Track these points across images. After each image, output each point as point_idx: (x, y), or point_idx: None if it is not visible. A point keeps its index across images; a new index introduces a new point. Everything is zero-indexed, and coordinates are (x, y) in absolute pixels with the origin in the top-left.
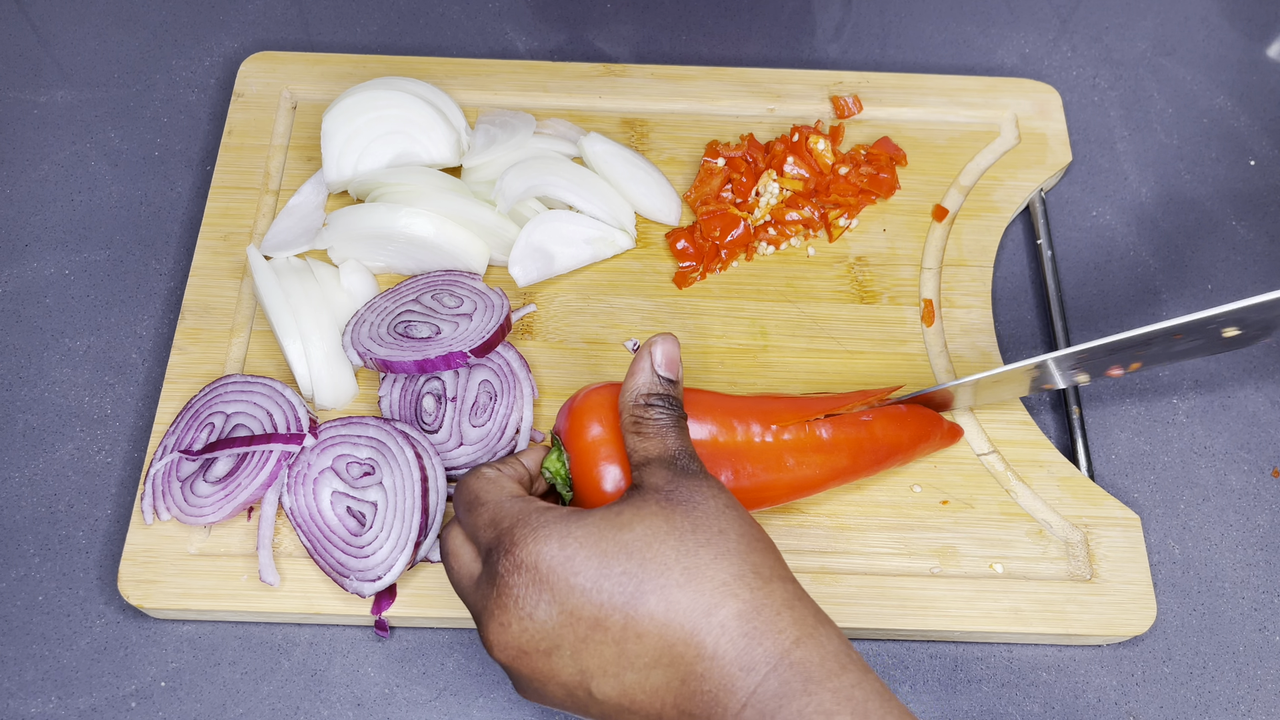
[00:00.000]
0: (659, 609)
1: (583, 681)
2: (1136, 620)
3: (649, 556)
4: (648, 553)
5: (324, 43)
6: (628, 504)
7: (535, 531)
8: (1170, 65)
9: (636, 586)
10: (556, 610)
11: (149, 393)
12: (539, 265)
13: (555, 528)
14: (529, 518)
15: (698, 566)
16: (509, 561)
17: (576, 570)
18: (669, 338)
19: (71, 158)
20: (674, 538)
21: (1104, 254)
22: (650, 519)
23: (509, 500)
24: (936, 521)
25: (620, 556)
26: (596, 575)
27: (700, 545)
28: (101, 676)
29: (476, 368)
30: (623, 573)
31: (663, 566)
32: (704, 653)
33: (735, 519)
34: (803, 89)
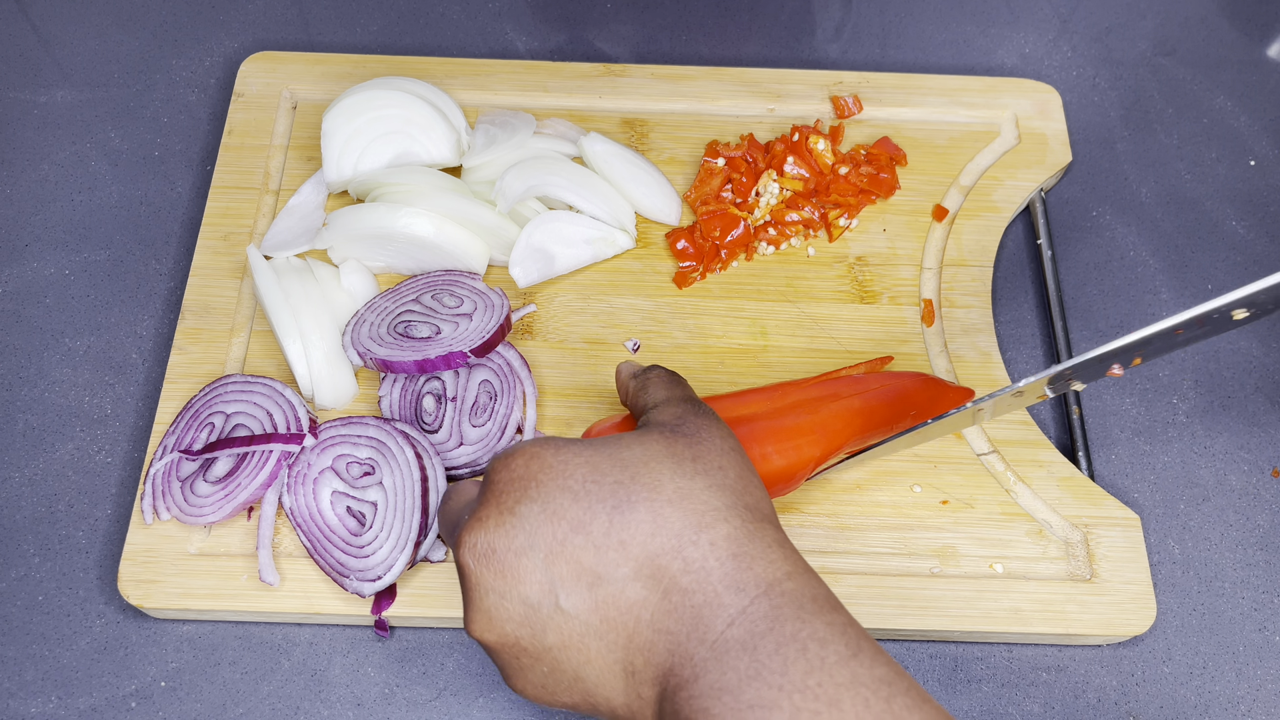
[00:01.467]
0: (646, 520)
1: (550, 591)
2: (1136, 620)
3: (642, 472)
4: (642, 469)
5: (324, 43)
6: (633, 432)
7: (535, 445)
8: (1170, 65)
9: (626, 495)
10: (539, 508)
11: (149, 393)
12: (539, 266)
13: (554, 442)
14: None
15: (691, 490)
16: (501, 463)
17: (570, 473)
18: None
19: (71, 158)
20: (672, 461)
21: (1104, 254)
22: (651, 444)
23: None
24: (936, 521)
25: (614, 468)
26: (586, 480)
27: (697, 473)
28: (101, 676)
29: (476, 367)
30: (614, 482)
31: (655, 482)
32: (690, 566)
33: (736, 460)
34: (803, 89)
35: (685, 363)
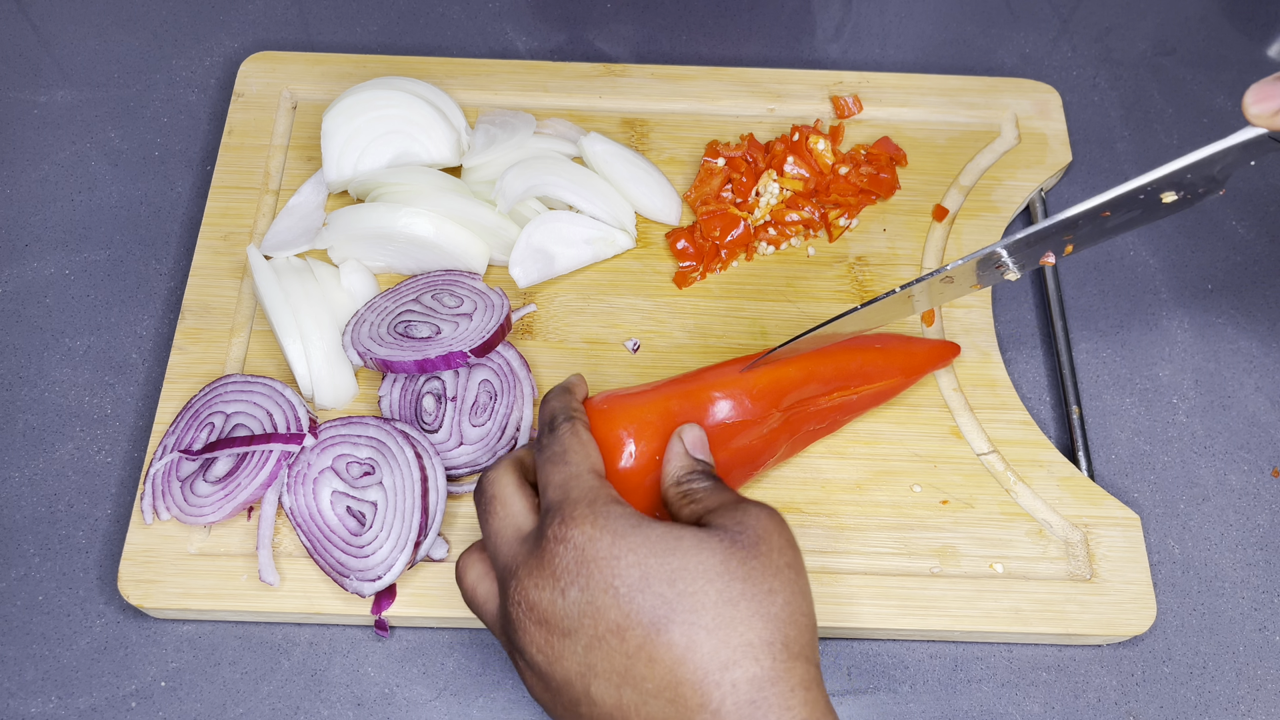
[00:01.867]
0: (679, 642)
1: (585, 675)
2: (1136, 620)
3: (689, 590)
4: (689, 585)
5: (324, 43)
6: (692, 533)
7: (597, 518)
8: (1170, 65)
9: (667, 613)
10: (585, 600)
11: (149, 393)
12: (539, 266)
13: (615, 523)
14: (598, 501)
15: (732, 618)
16: (561, 531)
17: (618, 573)
18: (695, 425)
19: (71, 158)
20: (721, 580)
21: (1104, 254)
22: (706, 555)
23: (589, 474)
24: (936, 521)
25: (663, 580)
26: (633, 586)
27: (743, 597)
28: (101, 676)
29: (476, 367)
30: (658, 595)
31: (698, 604)
32: (708, 704)
33: (788, 582)
34: (803, 89)
35: (685, 363)
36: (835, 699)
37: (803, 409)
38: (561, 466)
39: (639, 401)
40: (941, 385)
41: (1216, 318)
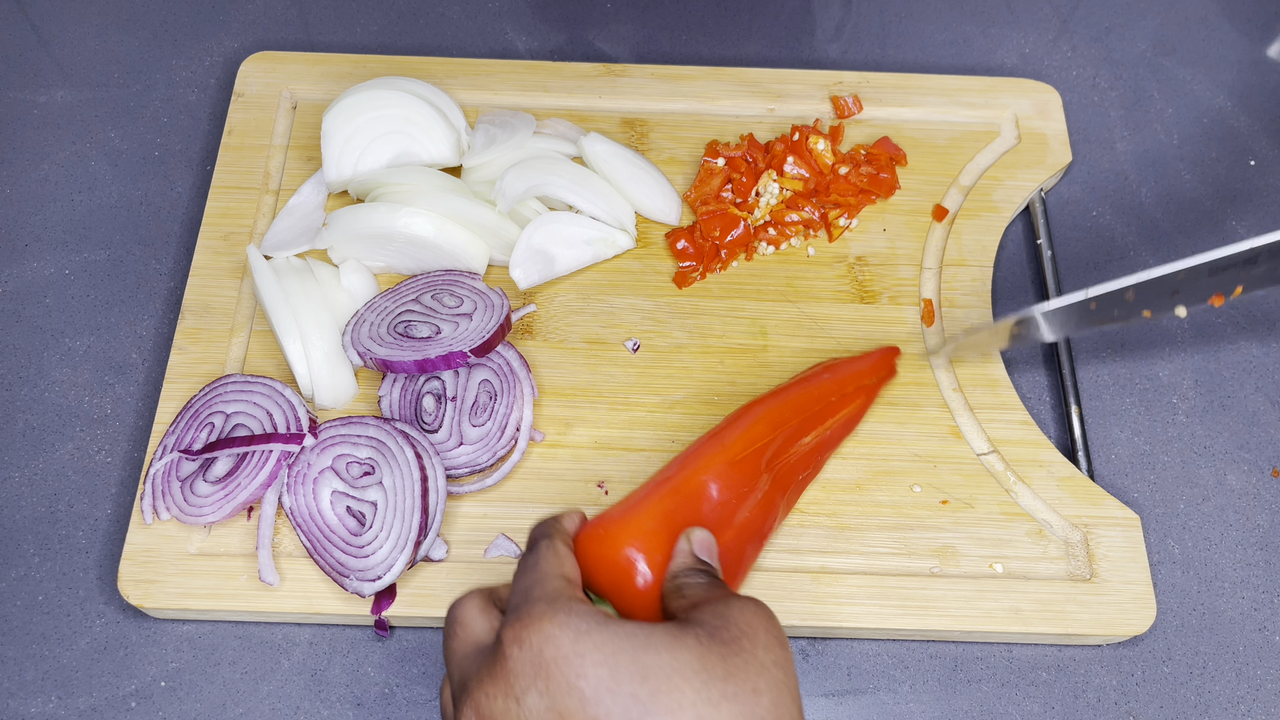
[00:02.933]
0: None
1: None
2: (1136, 620)
3: (664, 689)
4: (665, 684)
5: (324, 43)
6: (664, 627)
7: (555, 614)
8: (1170, 65)
9: (640, 714)
10: (545, 706)
11: (149, 393)
12: (540, 267)
13: (577, 621)
14: (559, 599)
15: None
16: (513, 632)
17: (583, 673)
18: (703, 529)
19: (71, 158)
20: (699, 679)
21: (1104, 254)
22: (683, 651)
23: (556, 578)
24: (936, 521)
25: (634, 678)
26: (601, 686)
27: (724, 697)
28: (101, 676)
29: (476, 367)
30: (630, 695)
31: (675, 704)
32: None
33: (775, 682)
34: (803, 89)
35: (685, 363)
36: (835, 699)
37: (785, 461)
38: (528, 574)
39: (635, 513)
40: (941, 385)
41: (1216, 318)
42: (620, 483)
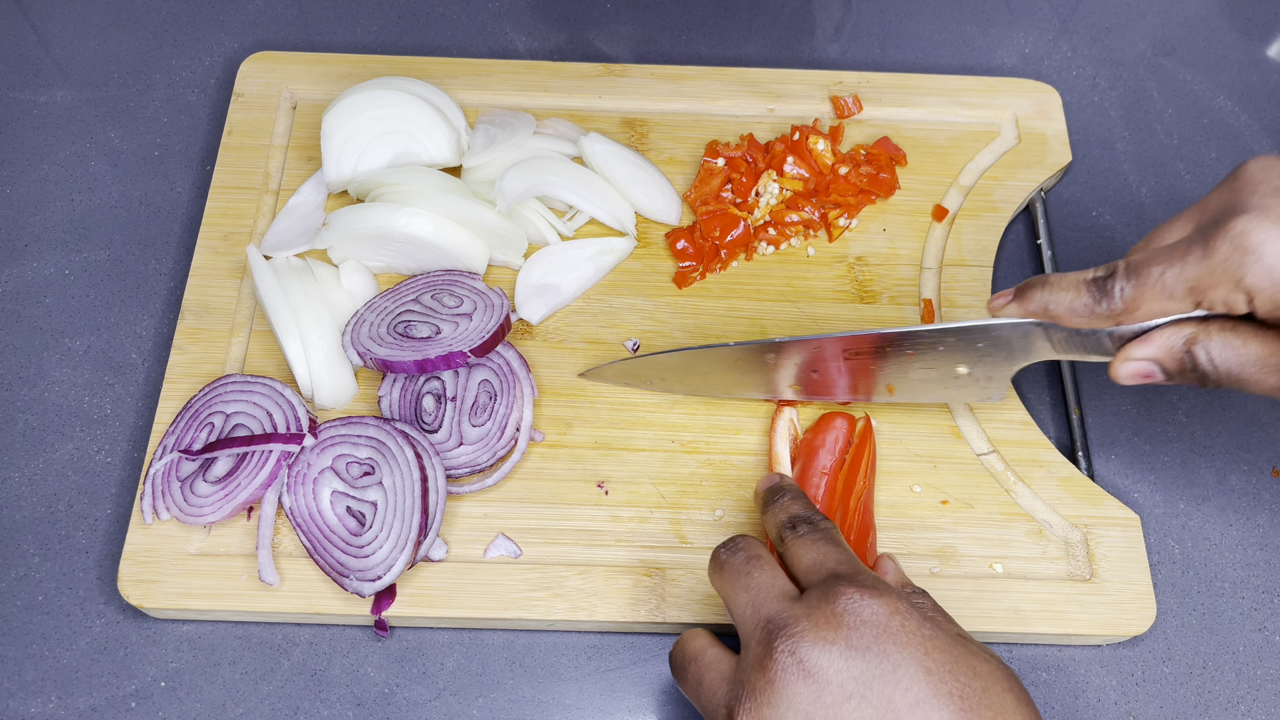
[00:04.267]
0: None
1: None
2: (1136, 620)
3: (991, 691)
4: (991, 687)
5: (324, 43)
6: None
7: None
8: (1170, 65)
9: (973, 707)
10: (885, 671)
11: (149, 393)
12: (547, 300)
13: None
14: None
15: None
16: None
17: (929, 653)
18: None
19: (71, 158)
20: (1013, 695)
21: (1104, 254)
22: (993, 665)
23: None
24: (936, 521)
25: (968, 674)
26: (943, 668)
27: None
28: (101, 676)
29: (476, 367)
30: (965, 685)
31: (1000, 708)
32: None
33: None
34: (803, 89)
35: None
36: None
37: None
38: (837, 547)
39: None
40: None
41: None
42: (620, 482)
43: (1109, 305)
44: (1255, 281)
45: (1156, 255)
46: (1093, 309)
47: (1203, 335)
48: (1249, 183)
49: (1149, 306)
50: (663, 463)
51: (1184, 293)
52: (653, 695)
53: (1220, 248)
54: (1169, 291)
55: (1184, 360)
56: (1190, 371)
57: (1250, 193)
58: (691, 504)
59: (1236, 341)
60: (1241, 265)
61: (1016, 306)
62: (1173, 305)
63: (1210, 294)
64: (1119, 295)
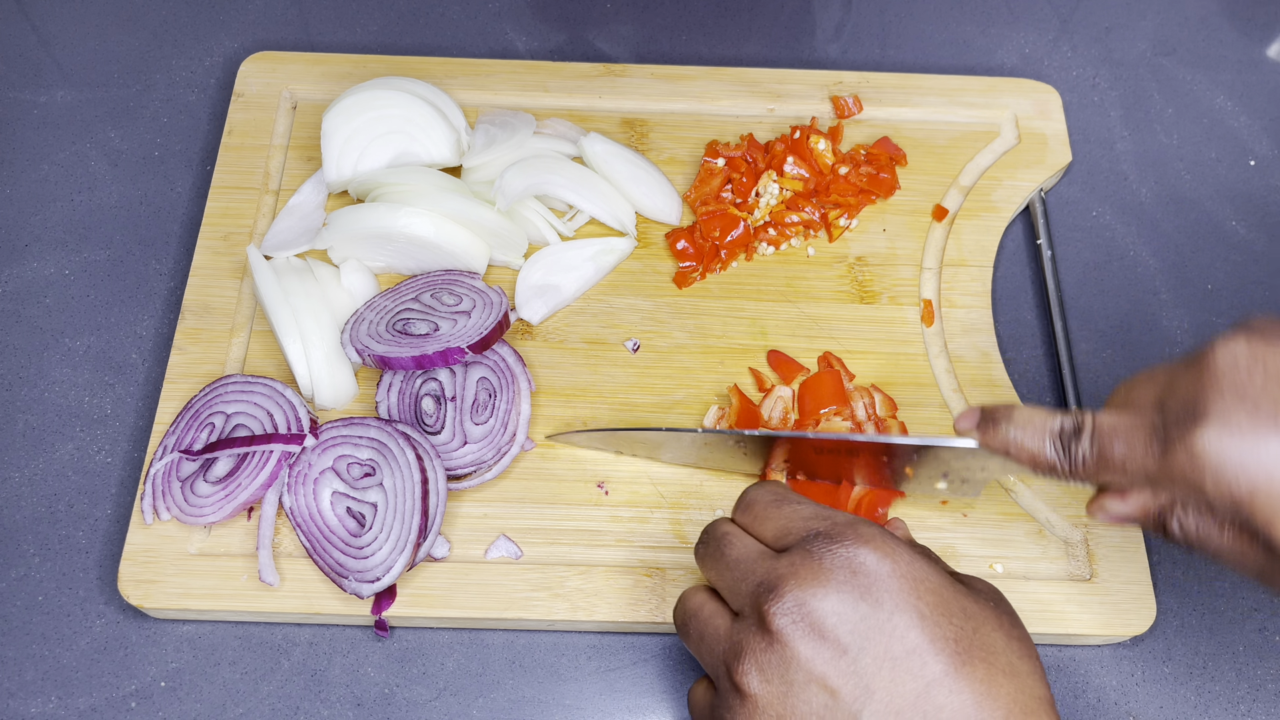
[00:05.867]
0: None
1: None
2: (1136, 620)
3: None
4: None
5: (324, 43)
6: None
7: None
8: (1170, 65)
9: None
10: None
11: (149, 393)
12: (547, 300)
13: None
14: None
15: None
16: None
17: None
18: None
19: (71, 158)
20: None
21: (1104, 254)
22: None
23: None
24: (936, 521)
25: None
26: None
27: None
28: (101, 676)
29: (473, 366)
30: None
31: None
32: None
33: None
34: (803, 89)
35: (685, 363)
36: None
37: None
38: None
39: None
40: (941, 385)
41: (1216, 318)
42: (620, 482)
43: (1070, 465)
44: (1215, 496)
45: (1119, 434)
46: (1055, 464)
47: (1179, 509)
48: (1215, 378)
49: (1111, 479)
50: (663, 463)
51: (1143, 482)
52: (653, 695)
53: (1179, 458)
54: (1129, 477)
55: (1158, 525)
56: (1164, 535)
57: (1215, 393)
58: (691, 504)
59: (1212, 525)
60: (1201, 479)
61: (980, 436)
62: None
63: (1170, 492)
64: (1082, 461)
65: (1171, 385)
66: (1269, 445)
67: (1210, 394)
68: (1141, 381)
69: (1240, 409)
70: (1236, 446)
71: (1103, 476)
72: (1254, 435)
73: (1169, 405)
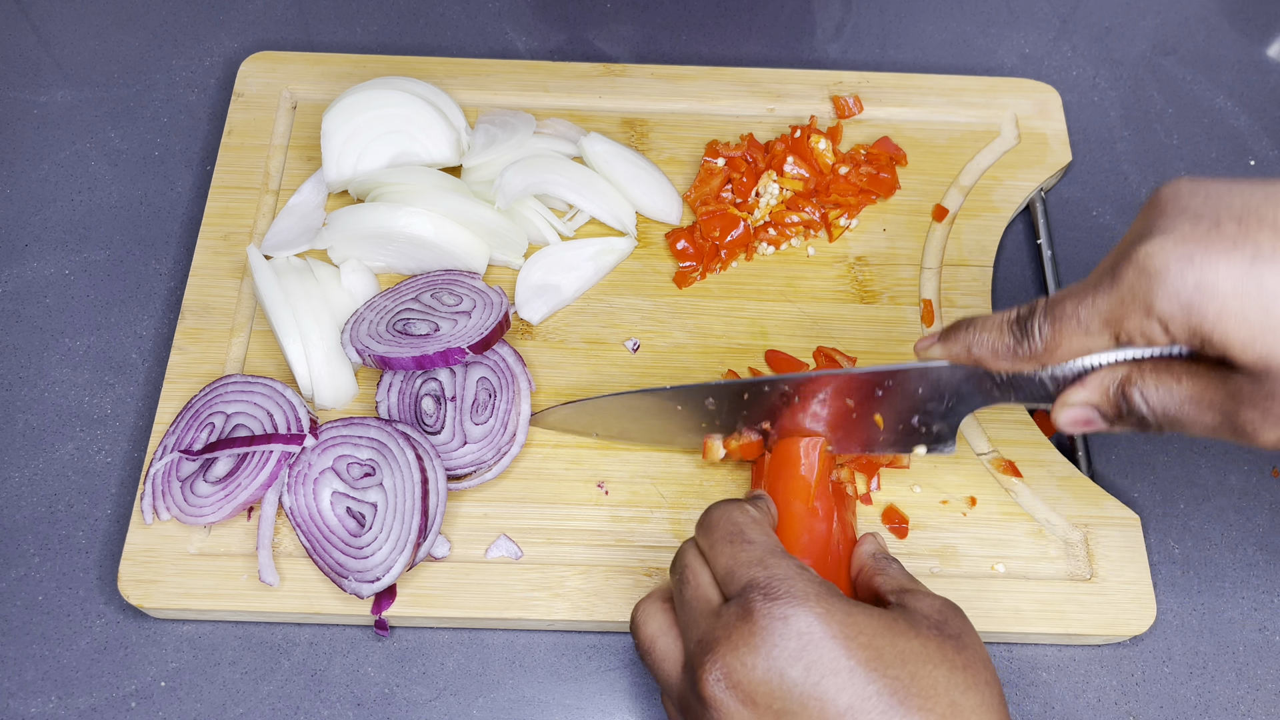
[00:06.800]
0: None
1: None
2: (1136, 620)
3: (920, 674)
4: (920, 670)
5: (324, 43)
6: (901, 616)
7: (810, 596)
8: (1170, 65)
9: (904, 697)
10: (811, 682)
11: (149, 393)
12: (547, 300)
13: (835, 604)
14: (803, 578)
15: (962, 708)
16: (773, 609)
17: (851, 653)
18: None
19: (71, 158)
20: (945, 668)
21: (1104, 254)
22: (925, 640)
23: (780, 552)
24: (936, 521)
25: (895, 662)
26: (868, 667)
27: (968, 688)
28: (101, 676)
29: (473, 366)
30: (893, 678)
31: (931, 690)
32: None
33: (992, 678)
34: (803, 89)
35: (685, 363)
36: None
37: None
38: (744, 546)
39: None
40: None
41: None
42: (620, 482)
43: (1029, 345)
44: (1165, 307)
45: (1072, 291)
46: (1014, 350)
47: (1136, 376)
48: (1158, 207)
49: (1069, 344)
50: (663, 463)
51: (1100, 327)
52: (653, 695)
53: (1127, 275)
54: (1085, 327)
55: (1120, 404)
56: (1128, 415)
57: (1158, 215)
58: (691, 504)
59: (1170, 380)
60: (1150, 292)
61: (941, 348)
62: (1092, 342)
63: (1125, 325)
64: (1039, 334)
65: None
66: (1211, 249)
67: (1154, 216)
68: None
69: (1183, 220)
70: (1182, 253)
71: (1063, 347)
72: (1196, 241)
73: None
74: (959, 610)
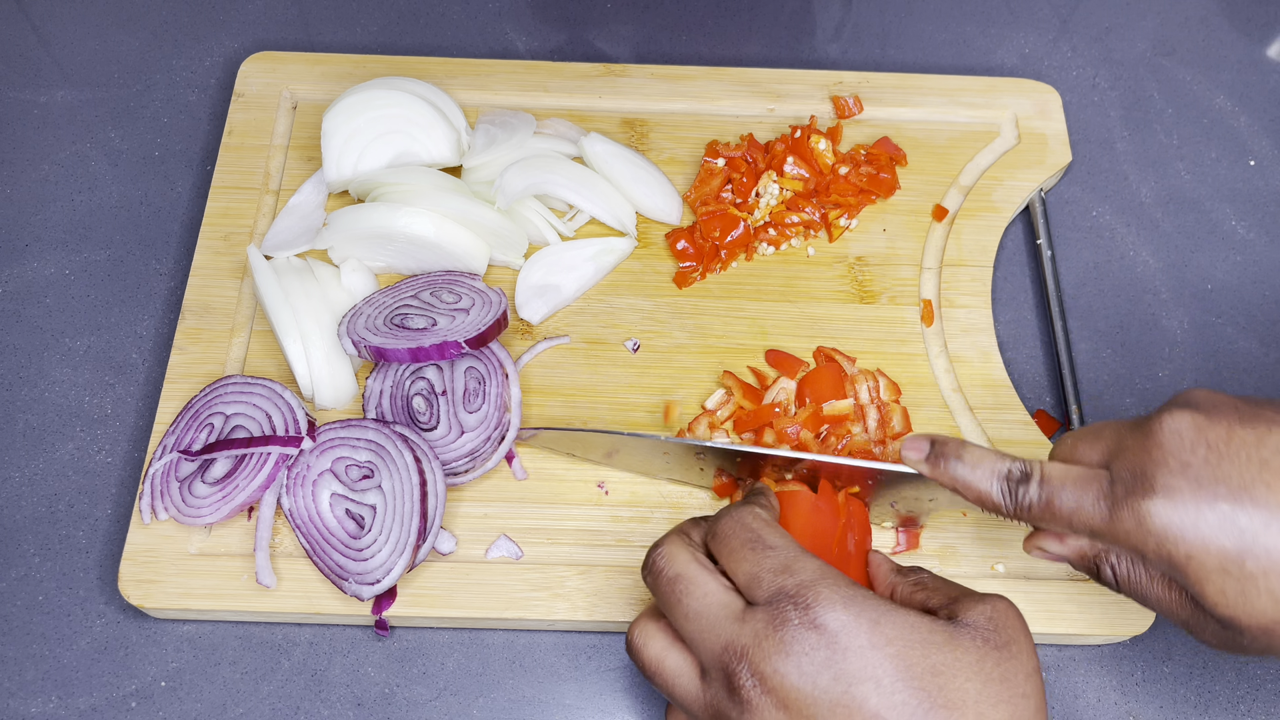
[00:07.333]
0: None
1: None
2: (1136, 620)
3: (949, 687)
4: (950, 683)
5: (324, 43)
6: (943, 624)
7: (849, 602)
8: (1170, 65)
9: (930, 708)
10: (840, 690)
11: (149, 393)
12: (547, 300)
13: (869, 609)
14: (829, 583)
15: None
16: (805, 616)
17: (880, 663)
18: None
19: (71, 158)
20: (979, 680)
21: (1104, 254)
22: (961, 652)
23: (802, 555)
24: (936, 521)
25: (925, 672)
26: (897, 677)
27: (1000, 701)
28: (101, 676)
29: (459, 359)
30: (921, 690)
31: (959, 702)
32: None
33: (1037, 688)
34: (803, 89)
35: (685, 363)
36: None
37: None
38: (766, 552)
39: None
40: (941, 385)
41: (1216, 318)
42: (620, 482)
43: (1016, 509)
44: (1153, 558)
45: (1068, 487)
46: (1000, 506)
47: (1113, 556)
48: (1162, 451)
49: (1054, 526)
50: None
51: (1087, 533)
52: (654, 695)
53: (1125, 521)
54: (1073, 527)
55: (1090, 567)
56: (1095, 576)
57: (1161, 465)
58: (691, 504)
59: (1144, 575)
60: (1144, 543)
61: (929, 468)
62: (1076, 538)
63: (1111, 548)
64: (1028, 506)
65: (1120, 449)
66: (1207, 516)
67: (1158, 466)
68: (1088, 437)
69: (1184, 482)
70: (1179, 517)
71: (1046, 523)
72: (1195, 507)
73: (1117, 470)
74: (1012, 614)
